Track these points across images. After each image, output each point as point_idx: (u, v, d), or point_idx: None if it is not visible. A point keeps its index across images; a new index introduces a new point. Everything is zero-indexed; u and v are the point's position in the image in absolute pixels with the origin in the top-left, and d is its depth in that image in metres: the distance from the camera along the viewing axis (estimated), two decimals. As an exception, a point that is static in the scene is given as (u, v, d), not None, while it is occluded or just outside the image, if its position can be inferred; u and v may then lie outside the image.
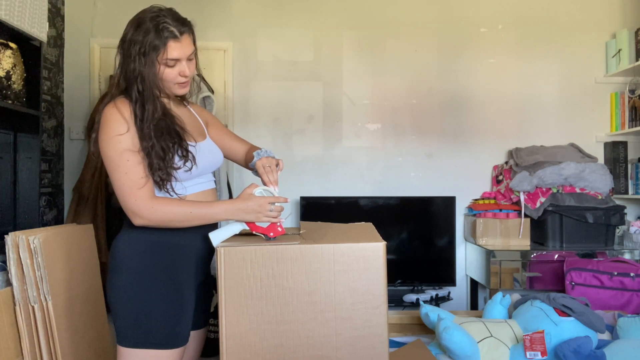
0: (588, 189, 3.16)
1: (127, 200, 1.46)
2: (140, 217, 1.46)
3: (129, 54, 1.49)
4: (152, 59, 1.48)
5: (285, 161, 3.45)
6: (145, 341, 1.48)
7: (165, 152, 1.48)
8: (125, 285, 1.49)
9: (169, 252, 1.52)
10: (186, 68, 1.53)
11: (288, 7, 3.52)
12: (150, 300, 1.48)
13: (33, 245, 2.00)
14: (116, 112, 1.48)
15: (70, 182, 3.33)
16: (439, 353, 1.99)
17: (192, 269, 1.57)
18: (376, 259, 1.40)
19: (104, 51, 3.42)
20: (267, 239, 1.48)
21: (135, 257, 1.50)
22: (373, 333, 1.39)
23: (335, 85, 3.54)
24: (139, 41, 1.47)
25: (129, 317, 1.48)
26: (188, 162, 1.51)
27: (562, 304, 2.04)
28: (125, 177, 1.45)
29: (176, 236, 1.52)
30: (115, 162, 1.46)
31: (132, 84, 1.49)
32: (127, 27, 1.52)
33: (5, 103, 2.30)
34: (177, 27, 1.50)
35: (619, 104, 3.50)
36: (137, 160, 1.46)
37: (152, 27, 1.47)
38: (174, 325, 1.50)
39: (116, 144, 1.46)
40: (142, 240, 1.51)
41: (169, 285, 1.51)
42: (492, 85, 3.57)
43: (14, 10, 2.26)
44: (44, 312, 2.04)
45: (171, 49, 1.49)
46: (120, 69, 1.52)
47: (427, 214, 3.45)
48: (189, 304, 1.55)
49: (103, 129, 1.48)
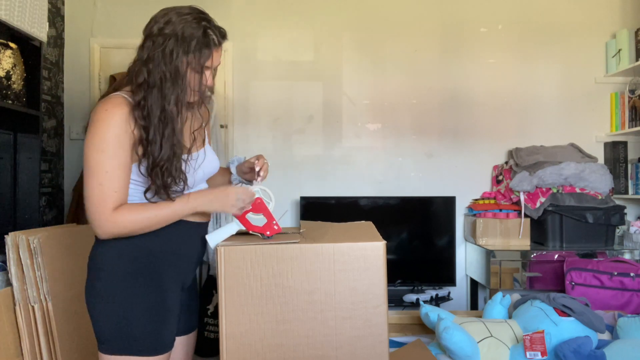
0: (588, 189, 3.16)
1: (92, 212, 1.36)
2: (104, 232, 1.38)
3: (165, 47, 1.36)
4: (198, 61, 1.39)
5: (285, 161, 3.51)
6: (127, 348, 1.41)
7: (169, 170, 1.39)
8: (106, 291, 1.42)
9: (152, 256, 1.45)
10: (211, 78, 1.47)
11: (288, 7, 3.52)
12: (132, 306, 1.42)
13: (33, 245, 2.00)
14: (112, 115, 1.36)
15: (70, 182, 3.33)
16: (439, 353, 1.98)
17: (176, 273, 1.50)
18: (376, 259, 1.40)
19: (104, 51, 3.42)
20: (264, 238, 1.47)
21: (117, 261, 1.43)
22: (373, 333, 1.39)
23: (335, 85, 3.54)
24: (184, 38, 1.37)
25: (110, 323, 1.42)
26: (180, 184, 1.42)
27: (562, 304, 2.04)
28: (99, 189, 1.35)
29: (160, 242, 1.45)
30: (92, 169, 1.36)
31: (165, 80, 1.37)
32: (160, 17, 1.40)
33: (5, 103, 2.30)
34: (218, 35, 1.44)
35: (619, 104, 3.50)
36: (119, 170, 1.37)
37: (200, 28, 1.40)
38: (157, 331, 1.44)
39: (100, 151, 1.35)
40: (124, 244, 1.42)
41: (152, 290, 1.44)
42: (492, 85, 3.57)
43: (14, 10, 2.26)
44: (44, 312, 2.04)
45: (214, 55, 1.44)
46: (147, 60, 1.38)
47: (427, 214, 3.45)
48: (173, 309, 1.49)
49: (92, 129, 1.37)
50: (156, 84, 1.37)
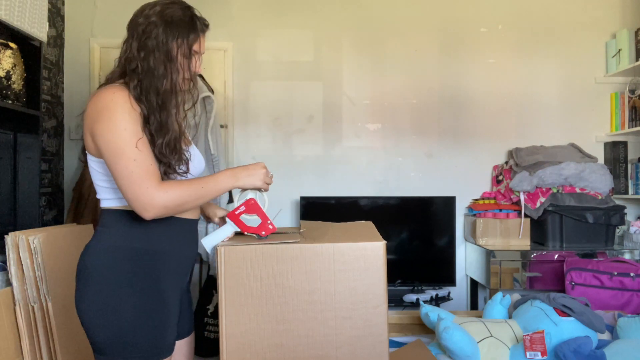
0: (588, 189, 3.16)
1: (137, 190, 1.32)
2: (154, 207, 1.33)
3: (157, 34, 1.39)
4: (187, 44, 1.43)
5: (285, 161, 3.51)
6: (127, 353, 1.38)
7: (169, 151, 1.40)
8: (103, 296, 1.38)
9: (149, 259, 1.42)
10: (199, 64, 1.50)
11: (288, 7, 3.52)
12: (131, 311, 1.38)
13: (33, 245, 2.00)
14: (119, 96, 1.36)
15: (70, 182, 3.33)
16: (439, 353, 1.98)
17: (173, 276, 1.48)
18: (376, 259, 1.40)
19: (104, 51, 3.42)
20: (260, 238, 1.47)
21: (112, 265, 1.39)
22: (373, 332, 1.39)
23: (335, 85, 3.54)
24: (172, 22, 1.40)
25: (108, 329, 1.38)
26: (183, 166, 1.44)
27: (562, 304, 2.04)
28: (134, 165, 1.32)
29: (156, 243, 1.43)
30: (121, 149, 1.32)
31: (159, 65, 1.39)
32: (146, 8, 1.43)
33: (5, 103, 2.30)
34: (202, 23, 1.48)
35: (619, 104, 3.50)
36: (145, 146, 1.35)
37: (187, 15, 1.43)
38: (158, 335, 1.42)
39: (122, 130, 1.33)
40: (119, 248, 1.40)
41: (151, 294, 1.41)
42: (492, 85, 3.57)
43: (14, 10, 2.26)
44: (44, 312, 2.04)
45: (201, 40, 1.47)
46: (138, 49, 1.40)
47: (427, 214, 3.45)
48: (173, 312, 1.47)
49: (105, 114, 1.34)
50: (150, 69, 1.39)
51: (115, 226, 1.43)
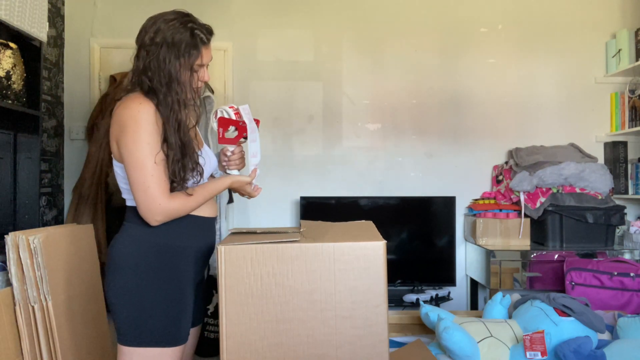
0: (588, 189, 3.16)
1: (150, 203, 1.47)
2: (160, 216, 1.49)
3: (158, 55, 1.49)
4: (188, 62, 1.52)
5: (285, 161, 3.51)
6: (147, 339, 1.49)
7: (185, 166, 1.52)
8: (127, 284, 1.51)
9: (171, 253, 1.55)
10: (206, 73, 1.60)
11: (288, 7, 3.52)
12: (152, 299, 1.50)
13: (33, 245, 2.00)
14: (145, 111, 1.48)
15: (70, 182, 3.33)
16: (439, 353, 1.98)
17: (191, 269, 1.60)
18: (376, 258, 1.40)
19: (104, 51, 3.42)
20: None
21: (138, 256, 1.52)
22: (373, 332, 1.39)
23: (335, 85, 3.54)
24: (174, 43, 1.49)
25: (131, 315, 1.50)
26: (197, 175, 1.56)
27: (562, 304, 2.04)
28: (151, 180, 1.47)
29: (177, 238, 1.56)
30: (142, 162, 1.46)
31: (162, 86, 1.50)
32: (150, 27, 1.52)
33: (5, 103, 2.30)
34: (205, 33, 1.56)
35: (619, 104, 3.50)
36: (163, 162, 1.49)
37: (187, 31, 1.51)
38: (175, 323, 1.52)
39: (146, 144, 1.46)
40: (144, 242, 1.53)
41: (171, 284, 1.53)
42: (492, 85, 3.57)
43: (14, 10, 2.26)
44: (44, 312, 2.04)
45: (204, 54, 1.56)
46: (144, 69, 1.51)
47: (427, 214, 3.45)
48: (189, 303, 1.58)
49: (131, 125, 1.47)
50: (159, 89, 1.50)
51: (140, 222, 1.54)
